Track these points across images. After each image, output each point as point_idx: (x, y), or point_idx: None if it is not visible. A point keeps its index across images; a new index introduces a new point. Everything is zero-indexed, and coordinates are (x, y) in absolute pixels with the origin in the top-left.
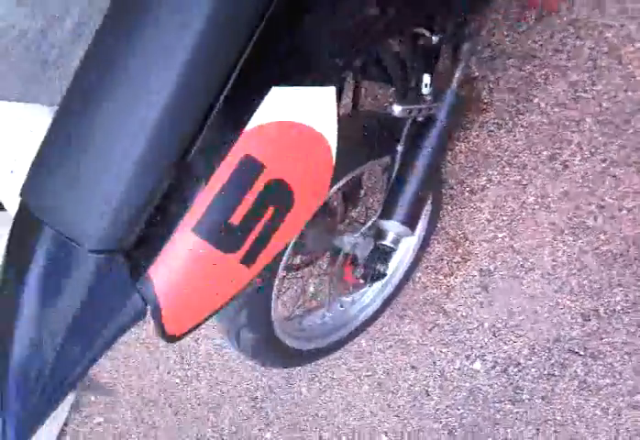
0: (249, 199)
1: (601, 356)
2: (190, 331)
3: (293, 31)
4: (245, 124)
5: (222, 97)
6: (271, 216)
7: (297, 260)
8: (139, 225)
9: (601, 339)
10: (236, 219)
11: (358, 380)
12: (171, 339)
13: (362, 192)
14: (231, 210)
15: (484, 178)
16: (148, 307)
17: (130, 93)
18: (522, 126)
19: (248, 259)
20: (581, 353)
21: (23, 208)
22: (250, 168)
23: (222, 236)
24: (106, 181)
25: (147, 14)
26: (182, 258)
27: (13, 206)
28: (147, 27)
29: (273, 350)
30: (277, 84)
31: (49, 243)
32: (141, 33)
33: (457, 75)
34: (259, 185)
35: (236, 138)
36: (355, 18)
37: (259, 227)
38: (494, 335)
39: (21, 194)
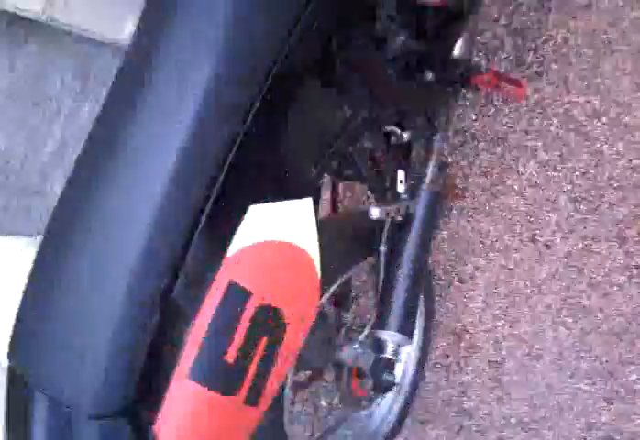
0: (241, 331)
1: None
2: None
3: (267, 146)
4: (225, 249)
5: (200, 226)
6: (267, 346)
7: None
8: (135, 380)
9: (633, 421)
10: (230, 356)
11: None
12: None
13: (352, 293)
14: (224, 346)
15: (470, 265)
16: None
17: (108, 235)
18: (499, 209)
19: (253, 398)
20: (617, 438)
21: (12, 374)
22: (237, 296)
23: (220, 378)
24: (96, 338)
25: (115, 155)
26: (185, 410)
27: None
28: (117, 167)
29: None
30: (254, 202)
31: (46, 413)
32: (112, 172)
33: (430, 170)
34: (248, 314)
35: (218, 266)
36: (327, 123)
37: (256, 360)
38: (525, 431)
39: (8, 358)
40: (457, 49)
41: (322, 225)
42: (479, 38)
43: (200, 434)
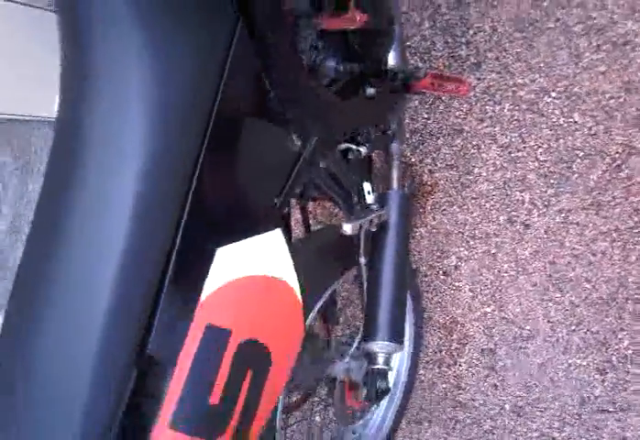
0: (224, 371)
1: (632, 406)
2: None
3: (223, 189)
4: (198, 295)
5: (167, 278)
6: (252, 379)
7: (293, 399)
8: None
9: (626, 390)
10: (215, 398)
11: None
12: None
13: (338, 305)
14: (207, 391)
15: (453, 256)
16: None
17: (67, 295)
18: (471, 197)
19: (241, 434)
20: (611, 409)
21: None
22: (216, 338)
23: (204, 421)
24: (62, 400)
25: (70, 213)
26: None
27: None
28: (73, 224)
29: None
30: (220, 245)
31: None
32: (66, 240)
33: (394, 174)
34: (230, 352)
35: (192, 313)
36: (280, 157)
37: (242, 396)
38: (519, 416)
39: None
40: (391, 60)
41: (298, 247)
42: (409, 43)
43: None
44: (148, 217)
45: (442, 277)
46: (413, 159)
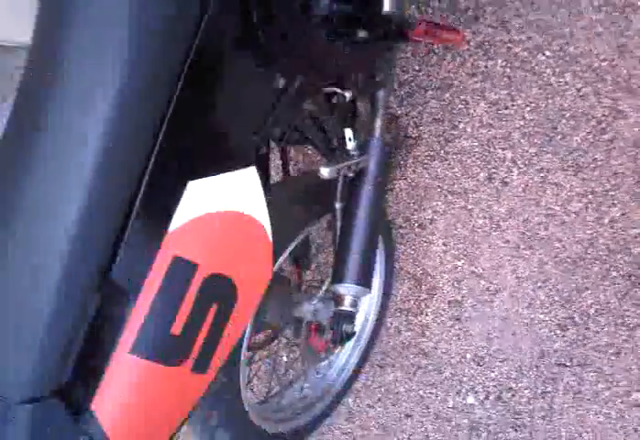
0: (188, 303)
1: (589, 362)
2: None
3: (200, 120)
4: (167, 225)
5: (137, 203)
6: (216, 314)
7: (260, 337)
8: (71, 361)
9: (585, 346)
10: (176, 328)
11: None
12: None
13: (312, 251)
14: (170, 320)
15: (430, 210)
16: None
17: (34, 215)
18: (454, 153)
19: (200, 366)
20: (568, 364)
21: None
22: (182, 270)
23: (164, 350)
24: (22, 319)
25: (44, 131)
26: (124, 385)
27: None
28: (46, 142)
29: None
30: (193, 178)
31: None
32: (40, 150)
33: (378, 123)
34: (195, 286)
35: (160, 243)
36: (261, 93)
37: (205, 328)
38: (479, 365)
39: None
40: (387, 5)
41: (274, 190)
42: None
43: (139, 407)
44: (119, 145)
45: (417, 229)
46: (399, 111)
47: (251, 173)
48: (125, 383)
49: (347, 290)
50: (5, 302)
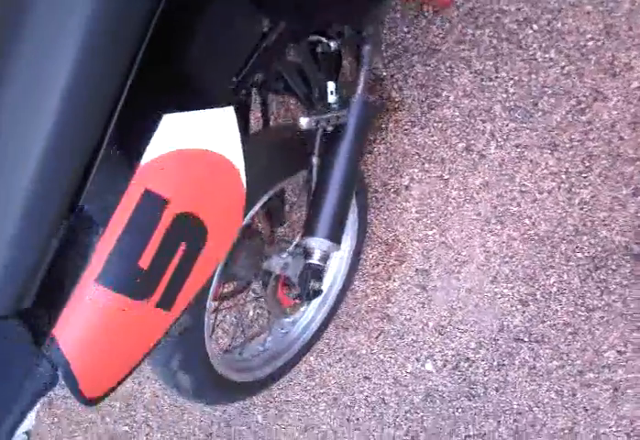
0: (157, 239)
1: (546, 339)
2: (112, 389)
3: (179, 53)
4: (139, 157)
5: (109, 132)
6: (184, 253)
7: (228, 288)
8: (35, 285)
9: (544, 323)
10: (144, 262)
11: (314, 399)
12: (92, 402)
13: (286, 208)
14: (137, 253)
15: (407, 177)
16: (59, 372)
17: (2, 140)
18: (435, 121)
19: (165, 303)
20: (526, 339)
21: None
22: (152, 204)
23: (130, 282)
24: None
25: (13, 50)
26: (88, 313)
27: None
28: (15, 64)
29: (215, 388)
30: (168, 111)
31: None
32: (8, 71)
33: (361, 79)
34: (165, 222)
35: (131, 174)
36: (244, 34)
37: (172, 267)
38: (440, 334)
39: None
40: None
41: (253, 139)
42: None
43: (101, 337)
44: (93, 71)
45: (392, 195)
46: (384, 73)
47: (228, 113)
48: (88, 312)
49: (317, 243)
50: None
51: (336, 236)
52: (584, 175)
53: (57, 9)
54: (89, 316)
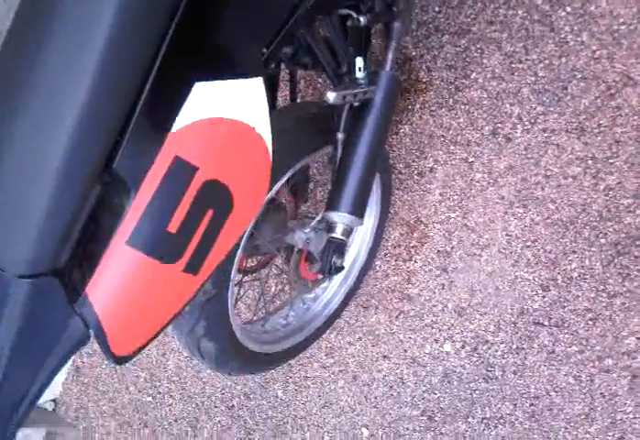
0: (185, 204)
1: (566, 324)
2: (141, 349)
3: (212, 22)
4: (171, 124)
5: (143, 98)
6: (211, 219)
7: (252, 262)
8: (70, 244)
9: (564, 308)
10: (173, 227)
11: (333, 376)
12: (121, 361)
13: (311, 185)
14: (167, 218)
15: (431, 159)
16: (91, 330)
17: (41, 102)
18: (462, 103)
19: (193, 267)
20: (546, 323)
21: None
22: (182, 171)
23: (160, 245)
24: (25, 199)
25: (53, 16)
26: (119, 274)
27: None
28: (54, 30)
29: (238, 358)
30: (200, 80)
31: None
32: (48, 37)
33: (390, 56)
34: (193, 188)
35: (162, 141)
36: (275, 4)
37: (199, 232)
38: (459, 316)
39: None
40: None
41: (280, 113)
42: None
43: (132, 297)
44: (128, 36)
45: (416, 177)
46: (414, 53)
47: (258, 84)
48: (119, 272)
49: (340, 218)
50: (11, 180)
51: (358, 211)
52: (610, 161)
53: None
54: (120, 277)
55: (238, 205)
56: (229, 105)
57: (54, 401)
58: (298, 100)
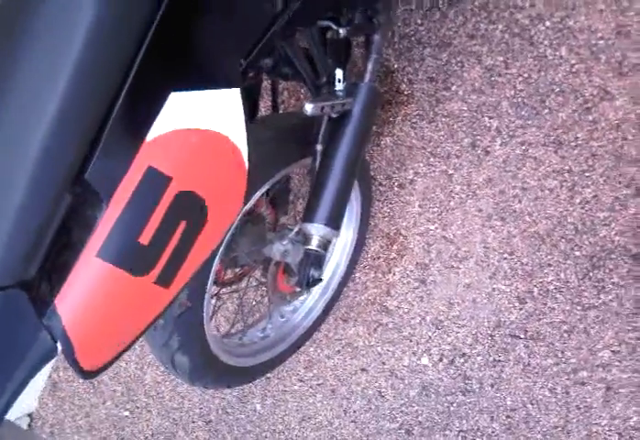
0: (158, 215)
1: (542, 337)
2: (110, 363)
3: (190, 32)
4: (145, 134)
5: (117, 107)
6: (184, 231)
7: (231, 274)
8: (38, 256)
9: (540, 320)
10: (144, 238)
11: (311, 390)
12: (89, 375)
13: (290, 197)
14: (138, 229)
15: (411, 171)
16: (59, 344)
17: (12, 108)
18: (442, 115)
19: (164, 280)
20: (522, 336)
21: None
22: (155, 181)
23: (130, 257)
24: None
25: (25, 25)
26: (89, 286)
27: None
28: (26, 39)
29: (213, 371)
30: (176, 90)
31: None
32: (20, 45)
33: (370, 68)
34: (167, 199)
35: (136, 150)
36: (254, 15)
37: (172, 244)
38: (437, 328)
39: None
40: None
41: (259, 124)
42: None
43: (101, 309)
44: (103, 45)
45: (396, 188)
46: (395, 65)
47: (234, 95)
48: (88, 284)
49: (315, 229)
50: None
51: (334, 223)
52: (587, 174)
53: None
54: (89, 289)
55: (213, 217)
56: (205, 116)
57: (30, 415)
58: (280, 110)
